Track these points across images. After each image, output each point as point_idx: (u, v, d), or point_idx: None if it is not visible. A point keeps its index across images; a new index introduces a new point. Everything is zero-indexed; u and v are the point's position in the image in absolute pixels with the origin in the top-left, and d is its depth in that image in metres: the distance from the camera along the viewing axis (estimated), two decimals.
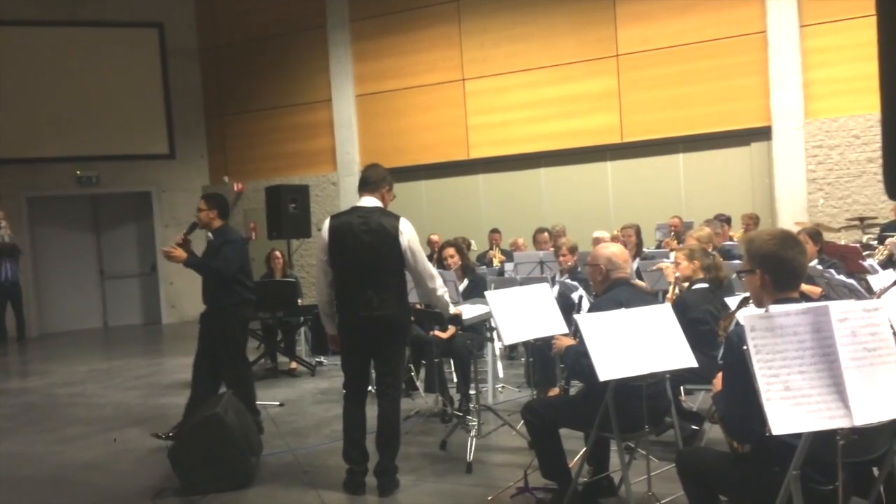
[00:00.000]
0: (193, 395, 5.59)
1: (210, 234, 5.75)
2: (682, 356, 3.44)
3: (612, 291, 3.78)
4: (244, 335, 5.95)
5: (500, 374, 7.18)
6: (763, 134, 10.53)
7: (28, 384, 8.86)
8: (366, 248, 4.30)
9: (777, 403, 2.21)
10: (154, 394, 7.75)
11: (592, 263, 3.90)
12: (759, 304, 2.67)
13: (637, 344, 3.38)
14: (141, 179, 14.09)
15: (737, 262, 6.64)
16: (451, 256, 6.43)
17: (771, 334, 2.26)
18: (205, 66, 14.43)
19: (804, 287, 3.58)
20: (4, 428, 6.67)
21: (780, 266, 2.62)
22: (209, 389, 5.56)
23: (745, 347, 2.30)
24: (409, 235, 4.36)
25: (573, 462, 4.18)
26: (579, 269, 6.70)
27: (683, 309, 4.06)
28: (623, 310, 3.47)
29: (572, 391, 5.72)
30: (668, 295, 5.07)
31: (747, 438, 2.66)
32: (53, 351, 11.63)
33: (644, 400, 3.50)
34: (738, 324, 2.57)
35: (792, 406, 2.20)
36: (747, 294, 2.87)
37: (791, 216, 10.04)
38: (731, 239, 8.63)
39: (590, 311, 3.83)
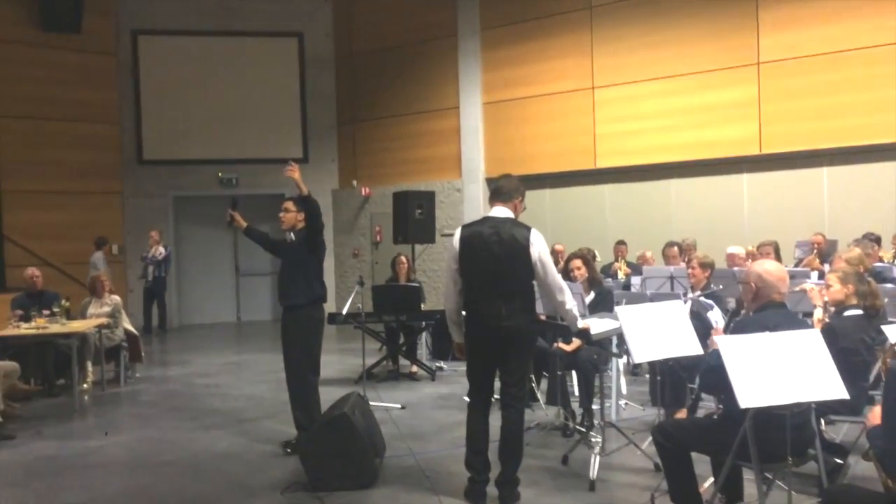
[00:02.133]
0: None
1: (293, 236, 5.74)
2: (831, 386, 3.21)
3: (762, 314, 3.58)
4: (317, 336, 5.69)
5: (624, 391, 7.00)
6: None
7: (169, 373, 9.43)
8: (496, 259, 4.29)
9: None
10: (283, 388, 7.98)
11: (744, 281, 3.71)
12: None
13: (782, 371, 3.19)
14: (276, 181, 14.68)
15: (889, 285, 6.19)
16: (578, 268, 6.32)
17: None
18: (339, 73, 14.93)
19: None
20: (148, 414, 7.14)
21: None
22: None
23: None
24: (539, 247, 4.32)
25: (703, 488, 4.00)
26: (713, 286, 6.43)
27: (833, 337, 3.79)
28: (768, 333, 3.28)
29: (699, 414, 5.51)
30: (816, 318, 4.76)
31: None
32: (191, 342, 12.35)
33: (787, 430, 3.29)
34: None
35: None
36: None
37: None
38: (881, 260, 8.04)
39: (733, 331, 3.63)
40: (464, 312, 4.48)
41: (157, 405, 7.51)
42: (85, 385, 8.01)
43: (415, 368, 8.56)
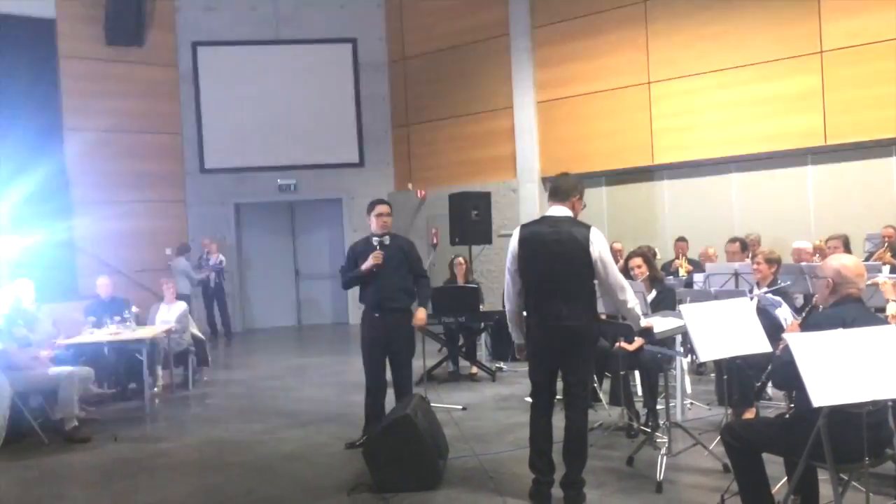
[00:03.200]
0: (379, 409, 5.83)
1: (388, 240, 5.85)
2: None
3: (838, 308, 3.48)
4: None
5: (689, 390, 6.87)
6: None
7: (234, 376, 9.65)
8: (556, 258, 4.27)
9: None
10: (345, 392, 8.15)
11: (820, 276, 3.61)
12: None
13: (857, 368, 3.09)
14: (333, 186, 14.93)
15: None
16: (639, 267, 6.23)
17: None
18: (393, 77, 15.05)
19: None
20: (216, 416, 7.31)
21: None
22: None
23: None
24: (600, 245, 4.28)
25: (776, 489, 3.90)
26: (780, 281, 6.27)
27: None
28: (841, 330, 3.18)
29: (768, 412, 5.38)
30: (891, 314, 4.60)
31: None
32: (255, 346, 12.61)
33: (864, 429, 3.19)
34: None
35: None
36: None
37: None
38: None
39: (808, 328, 3.54)
40: (525, 313, 4.46)
41: (224, 408, 7.69)
42: (155, 389, 8.25)
43: (475, 370, 8.57)
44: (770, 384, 5.49)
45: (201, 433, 6.62)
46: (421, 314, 5.90)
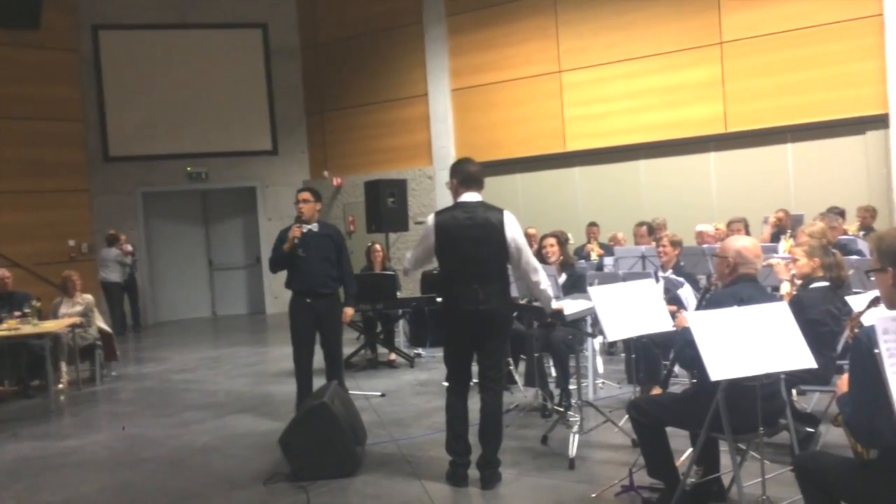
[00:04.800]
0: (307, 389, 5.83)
1: (314, 227, 5.92)
2: (800, 356, 3.30)
3: (735, 287, 3.66)
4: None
5: (600, 370, 7.09)
6: (880, 122, 9.94)
7: (145, 370, 9.37)
8: (471, 242, 4.33)
9: None
10: (261, 382, 8.05)
11: (721, 255, 3.78)
12: (892, 305, 2.53)
13: (751, 343, 3.27)
14: (246, 175, 14.63)
15: (853, 257, 6.33)
16: (552, 246, 6.41)
17: None
18: (306, 64, 14.83)
19: None
20: (126, 412, 7.10)
21: None
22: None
23: (876, 351, 2.20)
24: (513, 229, 4.38)
25: (680, 461, 4.09)
26: (682, 263, 6.53)
27: (801, 309, 3.89)
28: (736, 307, 3.36)
29: (675, 388, 5.60)
30: (784, 292, 4.87)
31: (876, 443, 2.54)
32: (167, 339, 12.26)
33: (758, 400, 3.38)
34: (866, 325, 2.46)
35: None
36: (877, 293, 2.74)
37: None
38: (846, 233, 8.21)
39: (707, 305, 3.71)
40: (440, 298, 4.52)
41: (135, 402, 7.47)
42: (60, 385, 7.93)
43: (393, 356, 8.60)
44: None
45: (110, 429, 6.42)
46: (349, 312, 6.22)
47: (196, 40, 14.24)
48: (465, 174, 4.51)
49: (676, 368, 6.40)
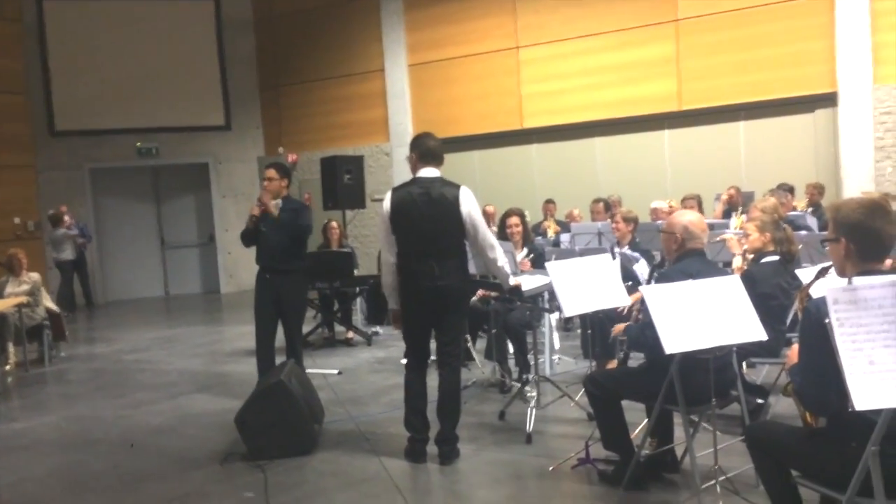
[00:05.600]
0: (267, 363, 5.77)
1: (277, 202, 5.83)
2: (751, 329, 3.37)
3: (684, 262, 3.70)
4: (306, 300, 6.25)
5: (557, 346, 7.17)
6: (828, 100, 10.16)
7: (96, 350, 9.17)
8: (427, 218, 4.30)
9: (860, 378, 2.15)
10: (217, 361, 7.95)
11: (668, 231, 3.81)
12: (842, 274, 2.59)
13: (704, 316, 3.32)
14: (198, 151, 14.33)
15: (802, 232, 6.47)
16: (516, 225, 6.41)
17: (855, 307, 2.20)
18: (259, 36, 14.53)
19: None
20: (76, 392, 6.94)
21: (867, 236, 2.54)
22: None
23: (826, 321, 2.24)
24: (469, 204, 4.35)
25: (635, 434, 4.15)
26: (637, 239, 6.61)
27: (752, 283, 3.96)
28: (690, 281, 3.40)
29: (631, 363, 5.69)
30: (736, 266, 4.96)
31: (825, 412, 2.61)
32: (118, 318, 12.02)
33: (710, 373, 3.45)
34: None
35: (877, 381, 2.14)
36: (826, 264, 2.79)
37: (857, 185, 9.70)
38: (795, 209, 8.40)
39: (658, 280, 3.75)
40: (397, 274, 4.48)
41: (85, 383, 7.31)
42: (7, 367, 7.73)
43: (350, 334, 8.56)
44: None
45: (61, 411, 6.27)
46: None
47: (146, 10, 13.81)
48: (425, 149, 4.48)
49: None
